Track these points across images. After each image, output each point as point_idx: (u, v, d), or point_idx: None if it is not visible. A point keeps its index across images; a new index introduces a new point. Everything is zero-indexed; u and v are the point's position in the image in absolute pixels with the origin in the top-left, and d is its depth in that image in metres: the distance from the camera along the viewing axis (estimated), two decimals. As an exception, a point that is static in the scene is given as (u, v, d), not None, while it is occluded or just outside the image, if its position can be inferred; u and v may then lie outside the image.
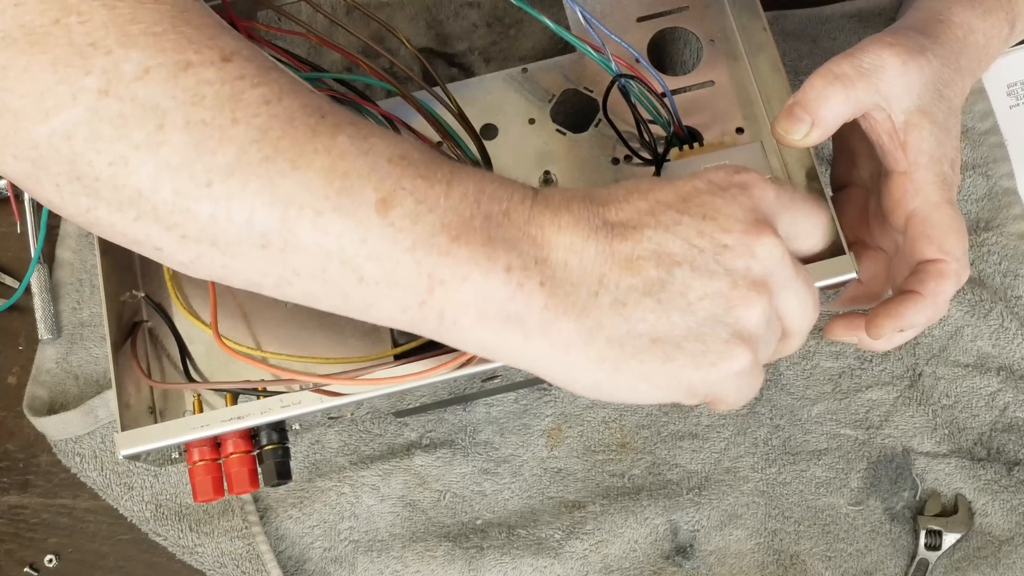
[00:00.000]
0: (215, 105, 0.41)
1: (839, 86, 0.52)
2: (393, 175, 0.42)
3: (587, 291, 0.43)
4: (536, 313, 0.43)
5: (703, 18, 0.63)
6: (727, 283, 0.44)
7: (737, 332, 0.44)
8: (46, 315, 0.72)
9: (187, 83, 0.41)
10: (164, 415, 0.59)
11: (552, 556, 0.68)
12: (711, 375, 0.44)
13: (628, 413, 0.70)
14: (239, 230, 0.42)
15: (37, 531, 0.71)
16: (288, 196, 0.41)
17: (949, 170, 0.55)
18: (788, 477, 0.69)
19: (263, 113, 0.42)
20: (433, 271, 0.42)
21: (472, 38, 0.66)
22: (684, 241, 0.44)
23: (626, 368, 0.44)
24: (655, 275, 0.43)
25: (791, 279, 0.46)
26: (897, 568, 0.68)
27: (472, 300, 0.43)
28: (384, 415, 0.70)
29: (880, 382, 0.70)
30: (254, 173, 0.41)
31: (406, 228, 0.42)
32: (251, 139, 0.41)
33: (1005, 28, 0.59)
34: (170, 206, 0.42)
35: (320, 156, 0.42)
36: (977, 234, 0.72)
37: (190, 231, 0.42)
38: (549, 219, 0.43)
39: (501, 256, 0.42)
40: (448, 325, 0.44)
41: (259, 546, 0.69)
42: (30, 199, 0.74)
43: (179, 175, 0.41)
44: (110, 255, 0.59)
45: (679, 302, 0.43)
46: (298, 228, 0.42)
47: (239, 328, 0.59)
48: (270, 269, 0.43)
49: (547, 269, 0.43)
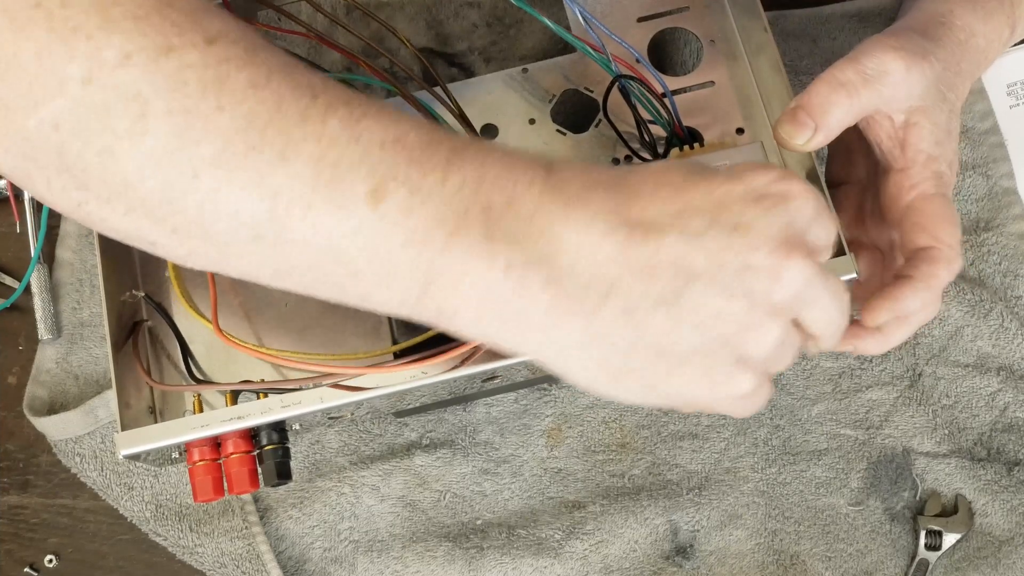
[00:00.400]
0: (199, 91, 0.39)
1: (844, 93, 0.52)
2: (385, 162, 0.40)
3: (596, 294, 0.41)
4: (539, 314, 0.41)
5: (703, 18, 0.63)
6: (744, 305, 0.41)
7: (743, 357, 0.42)
8: (46, 315, 0.72)
9: (169, 68, 0.39)
10: (164, 415, 0.59)
11: (552, 556, 0.68)
12: (711, 394, 0.43)
13: (628, 413, 0.70)
14: (229, 223, 0.40)
15: (37, 531, 0.71)
16: (277, 189, 0.40)
17: (947, 169, 0.55)
18: (788, 477, 0.69)
19: (250, 98, 0.40)
20: (429, 267, 0.41)
21: (472, 38, 0.66)
22: (708, 254, 0.41)
23: (627, 376, 0.43)
24: (671, 286, 0.41)
25: (818, 296, 0.43)
26: (897, 568, 0.68)
27: (471, 296, 0.41)
28: (384, 415, 0.70)
29: (880, 382, 0.70)
30: (240, 165, 0.40)
31: (399, 221, 0.40)
32: (237, 128, 0.39)
33: (1006, 31, 0.59)
34: (158, 198, 0.40)
35: (309, 143, 0.40)
36: (977, 234, 0.72)
37: (180, 225, 0.41)
38: (560, 212, 0.41)
39: (501, 253, 0.40)
40: (448, 318, 0.42)
41: (259, 546, 0.69)
42: (30, 199, 0.74)
43: (165, 166, 0.40)
44: (110, 255, 0.59)
45: (691, 318, 0.41)
46: (288, 222, 0.40)
47: (240, 326, 0.59)
48: (265, 262, 0.42)
49: (554, 269, 0.41)
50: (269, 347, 0.57)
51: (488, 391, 0.68)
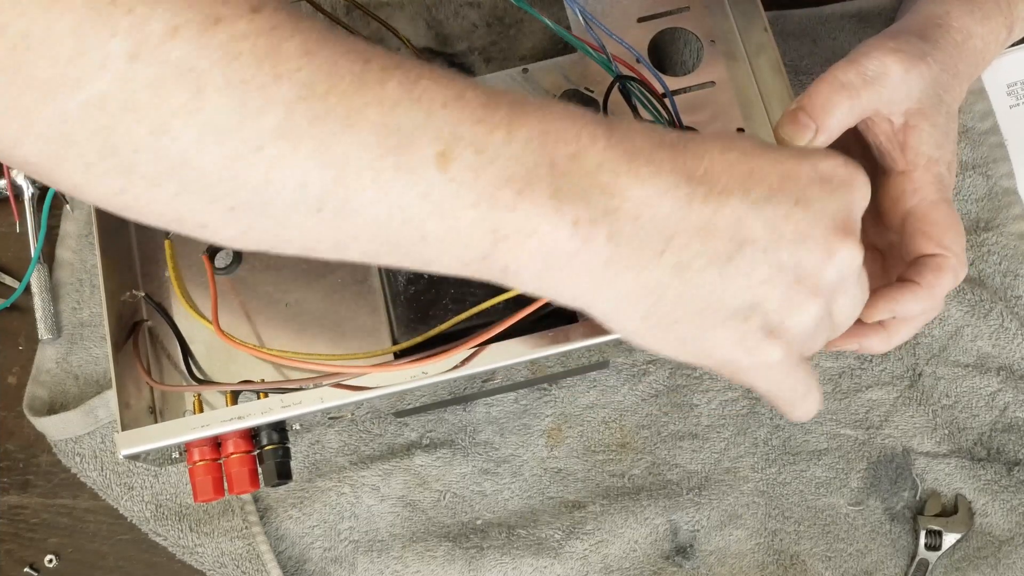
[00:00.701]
0: (253, 62, 0.38)
1: (845, 94, 0.52)
2: (450, 123, 0.40)
3: (652, 250, 0.41)
4: (599, 268, 0.41)
5: (703, 18, 0.63)
6: (792, 278, 0.42)
7: (778, 329, 0.43)
8: (46, 315, 0.72)
9: (220, 39, 0.38)
10: (164, 415, 0.59)
11: (552, 556, 0.68)
12: (743, 360, 0.44)
13: (628, 413, 0.70)
14: (292, 195, 0.39)
15: (37, 531, 0.71)
16: (343, 157, 0.39)
17: (946, 172, 0.55)
18: (788, 477, 0.69)
19: (305, 66, 0.39)
20: (498, 227, 0.40)
21: (472, 38, 0.66)
22: (767, 222, 0.42)
23: (666, 327, 0.43)
24: (725, 248, 0.41)
25: (855, 286, 0.45)
26: (897, 568, 0.68)
27: (536, 254, 0.41)
28: (384, 415, 0.70)
29: (880, 382, 0.71)
30: (305, 134, 0.38)
31: (468, 182, 0.40)
32: (298, 96, 0.38)
33: (1003, 32, 0.59)
34: (217, 175, 0.39)
35: (372, 109, 0.39)
36: (977, 234, 0.72)
37: (239, 201, 0.40)
38: (624, 166, 0.41)
39: (568, 210, 0.40)
40: (510, 276, 0.42)
41: (259, 546, 0.69)
42: (30, 198, 0.73)
43: (226, 140, 0.38)
44: (110, 255, 0.59)
45: (740, 281, 0.42)
46: (355, 190, 0.39)
47: (240, 326, 0.59)
48: (326, 234, 0.41)
49: (616, 222, 0.40)
50: (270, 347, 0.57)
51: (488, 391, 0.68)
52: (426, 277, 0.57)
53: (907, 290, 0.53)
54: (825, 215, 0.43)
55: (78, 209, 0.74)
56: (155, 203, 0.41)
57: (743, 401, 0.70)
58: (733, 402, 0.70)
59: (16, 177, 0.73)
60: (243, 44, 0.38)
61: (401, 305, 0.57)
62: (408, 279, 0.57)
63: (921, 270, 0.54)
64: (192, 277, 0.60)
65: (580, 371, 0.69)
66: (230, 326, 0.58)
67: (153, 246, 0.61)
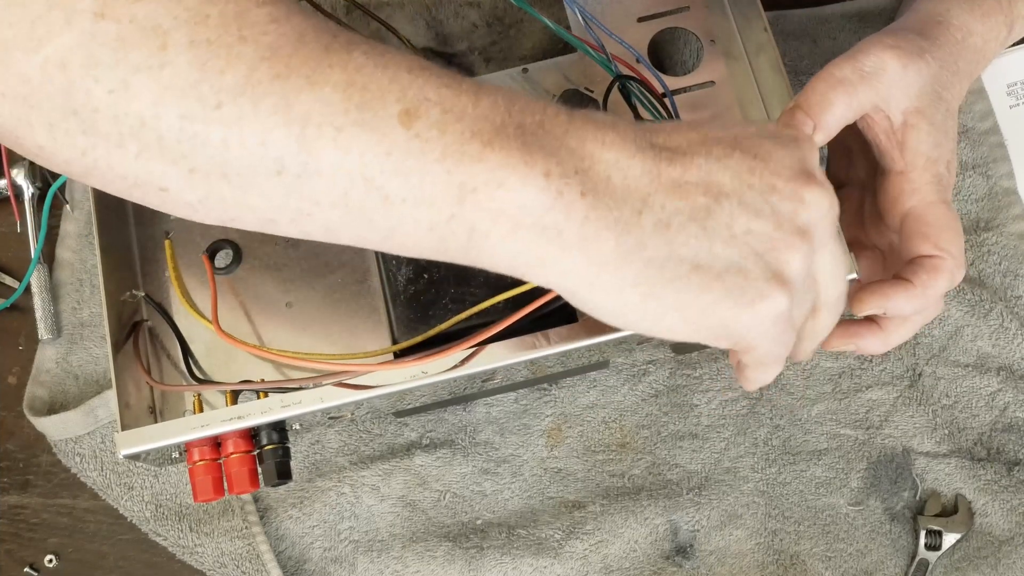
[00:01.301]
0: (220, 24, 0.38)
1: (841, 90, 0.52)
2: (416, 84, 0.40)
3: (630, 209, 0.41)
4: (576, 225, 0.40)
5: (703, 18, 0.63)
6: (773, 223, 0.43)
7: (777, 273, 0.43)
8: (46, 315, 0.72)
9: (190, 2, 0.38)
10: (164, 415, 0.59)
11: (552, 556, 0.68)
12: (746, 315, 0.43)
13: (628, 413, 0.70)
14: (252, 156, 0.39)
15: (37, 531, 0.71)
16: (305, 114, 0.39)
17: (945, 171, 0.55)
18: (788, 477, 0.69)
19: (272, 31, 0.39)
20: (465, 179, 0.39)
21: (472, 38, 0.66)
22: (734, 174, 0.42)
23: (660, 293, 0.42)
24: (702, 202, 0.42)
25: (832, 238, 0.45)
26: (897, 568, 0.68)
27: (507, 208, 0.40)
28: (384, 415, 0.70)
29: (880, 382, 0.71)
30: (266, 91, 0.38)
31: (433, 138, 0.39)
32: (261, 56, 0.39)
33: (1003, 30, 0.59)
34: (176, 133, 0.39)
35: (336, 71, 0.39)
36: (977, 234, 0.72)
37: (199, 162, 0.40)
38: (591, 133, 0.41)
39: (539, 161, 0.40)
40: (478, 240, 0.41)
41: (259, 546, 0.69)
42: (30, 198, 0.73)
43: (185, 98, 0.38)
44: (110, 255, 0.59)
45: (724, 233, 0.42)
46: (317, 148, 0.39)
47: (240, 326, 0.59)
48: (287, 201, 0.41)
49: (588, 181, 0.40)
50: (270, 347, 0.57)
51: (488, 391, 0.68)
52: (426, 276, 0.57)
53: (899, 287, 0.53)
54: (784, 165, 0.43)
55: (78, 209, 0.74)
56: (118, 165, 0.40)
57: (743, 401, 0.70)
58: (733, 402, 0.70)
59: (16, 177, 0.73)
60: (212, 8, 0.38)
61: (401, 305, 0.57)
62: (408, 279, 0.57)
63: (916, 270, 0.54)
64: (192, 277, 0.60)
65: (580, 371, 0.69)
66: (230, 326, 0.58)
67: (153, 246, 0.61)
